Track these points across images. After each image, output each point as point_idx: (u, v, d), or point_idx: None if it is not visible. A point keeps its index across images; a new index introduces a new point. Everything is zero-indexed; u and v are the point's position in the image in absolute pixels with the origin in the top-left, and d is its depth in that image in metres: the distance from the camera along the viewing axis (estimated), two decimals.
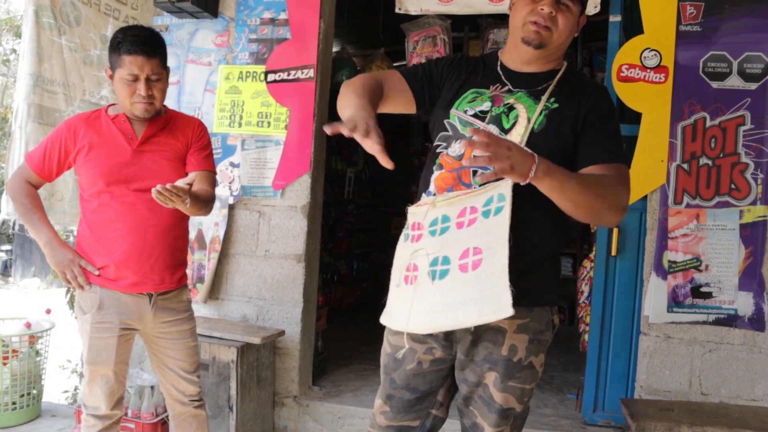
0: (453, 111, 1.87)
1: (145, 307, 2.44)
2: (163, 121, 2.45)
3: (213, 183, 2.52)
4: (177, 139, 2.48)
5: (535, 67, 1.86)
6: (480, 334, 1.80)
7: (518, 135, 1.74)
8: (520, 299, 1.57)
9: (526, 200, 1.63)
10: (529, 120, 1.76)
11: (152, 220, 2.39)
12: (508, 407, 1.82)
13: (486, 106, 1.82)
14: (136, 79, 2.29)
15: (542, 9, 1.77)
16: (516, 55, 1.88)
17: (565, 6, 1.78)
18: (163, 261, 2.43)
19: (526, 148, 1.59)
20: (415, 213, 1.82)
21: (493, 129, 1.77)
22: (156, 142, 2.43)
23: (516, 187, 1.60)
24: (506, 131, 1.76)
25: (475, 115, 1.82)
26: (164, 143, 2.44)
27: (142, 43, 2.27)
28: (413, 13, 3.67)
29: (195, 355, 2.58)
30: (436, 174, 1.83)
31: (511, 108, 1.79)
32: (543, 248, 1.79)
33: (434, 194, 1.81)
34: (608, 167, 1.72)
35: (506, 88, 1.85)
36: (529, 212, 1.67)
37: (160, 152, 2.43)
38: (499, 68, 1.91)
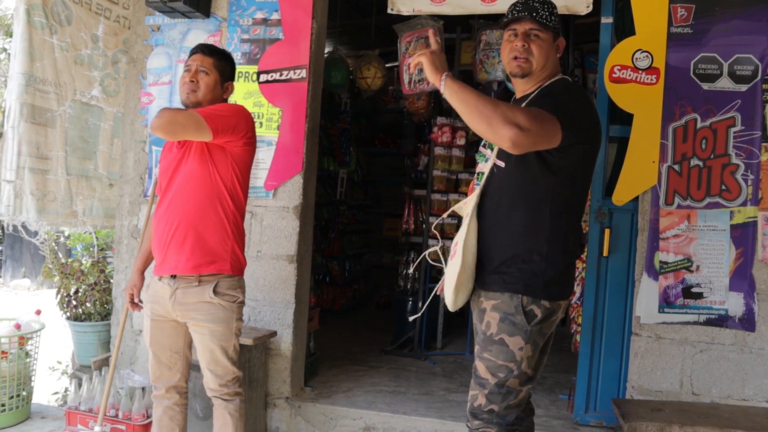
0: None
1: (166, 295, 2.61)
2: None
3: (192, 116, 2.49)
4: None
5: (521, 92, 2.28)
6: (476, 311, 2.26)
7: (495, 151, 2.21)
8: (495, 285, 2.15)
9: (495, 211, 2.18)
10: None
11: (177, 201, 2.60)
12: (480, 375, 2.19)
13: None
14: (188, 70, 2.64)
15: (517, 45, 2.18)
16: (515, 86, 2.33)
17: (535, 36, 2.17)
18: (180, 242, 2.57)
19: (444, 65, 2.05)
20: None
21: (487, 151, 2.27)
22: None
23: (486, 200, 2.20)
24: (492, 150, 2.23)
25: (483, 145, 2.33)
26: None
27: (202, 46, 2.73)
28: (405, 13, 3.67)
29: (210, 356, 2.64)
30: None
31: None
32: (513, 247, 2.16)
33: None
34: (525, 108, 2.07)
35: None
36: (498, 221, 2.17)
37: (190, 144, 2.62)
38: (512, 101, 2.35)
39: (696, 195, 3.17)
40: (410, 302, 5.29)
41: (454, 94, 1.98)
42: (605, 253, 3.38)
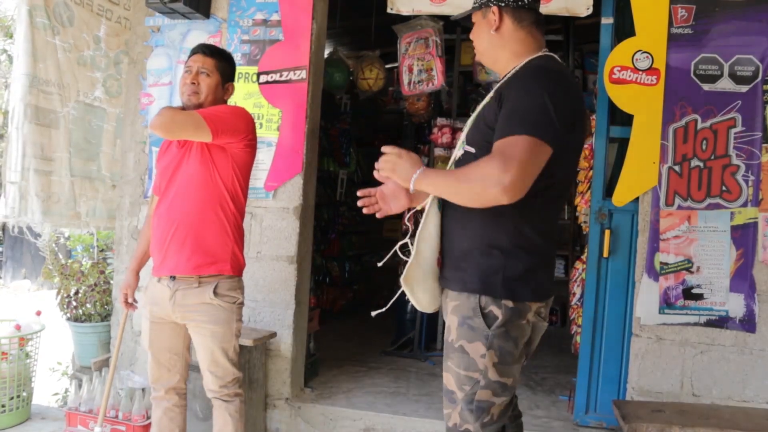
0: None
1: (166, 297, 2.60)
2: None
3: (192, 116, 2.50)
4: None
5: (500, 75, 2.13)
6: (444, 313, 2.08)
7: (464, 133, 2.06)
8: (454, 283, 1.96)
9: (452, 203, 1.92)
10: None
11: (178, 202, 2.58)
12: (448, 388, 1.98)
13: (472, 116, 2.13)
14: (189, 71, 2.61)
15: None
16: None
17: (473, 24, 2.11)
18: (180, 243, 2.56)
19: (417, 160, 1.90)
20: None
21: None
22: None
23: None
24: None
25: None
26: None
27: (203, 46, 2.69)
28: (405, 13, 3.67)
29: (210, 357, 2.64)
30: None
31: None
32: (472, 239, 1.94)
33: None
34: (496, 145, 1.81)
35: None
36: (456, 210, 1.93)
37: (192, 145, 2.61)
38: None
39: (696, 196, 3.17)
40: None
41: (431, 188, 1.88)
42: (605, 254, 3.38)
